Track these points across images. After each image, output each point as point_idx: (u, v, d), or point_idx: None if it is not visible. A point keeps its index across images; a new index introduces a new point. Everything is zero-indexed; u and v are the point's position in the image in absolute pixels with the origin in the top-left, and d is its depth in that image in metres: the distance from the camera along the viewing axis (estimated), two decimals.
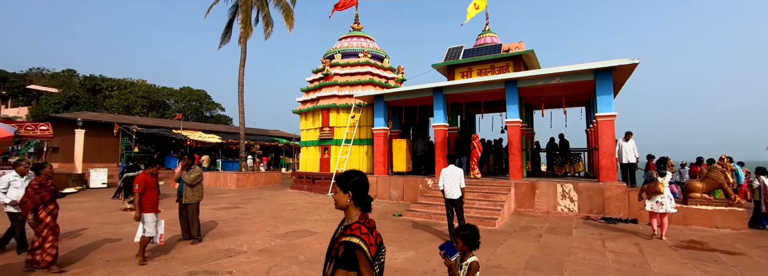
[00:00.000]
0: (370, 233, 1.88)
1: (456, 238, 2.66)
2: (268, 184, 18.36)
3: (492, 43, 13.11)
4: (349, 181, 1.94)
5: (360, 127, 14.25)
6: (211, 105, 42.96)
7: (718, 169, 8.03)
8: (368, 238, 1.84)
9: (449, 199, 6.35)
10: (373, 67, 15.20)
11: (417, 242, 6.31)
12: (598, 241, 6.45)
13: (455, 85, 10.98)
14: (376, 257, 1.87)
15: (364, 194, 1.95)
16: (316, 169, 14.86)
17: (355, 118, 14.03)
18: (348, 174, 1.97)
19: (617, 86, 10.01)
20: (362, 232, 1.85)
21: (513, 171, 10.07)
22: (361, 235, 1.84)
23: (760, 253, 5.64)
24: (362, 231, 1.85)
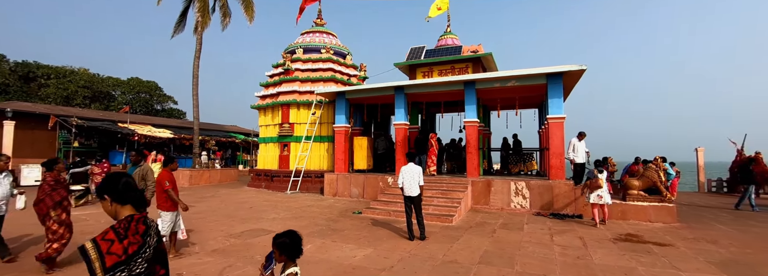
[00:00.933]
0: (123, 238, 1.58)
1: (273, 247, 2.41)
2: (224, 182, 17.68)
3: (453, 45, 13.43)
4: (101, 190, 1.77)
5: (321, 124, 14.09)
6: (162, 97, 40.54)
7: (653, 169, 8.75)
8: (113, 245, 1.54)
9: (408, 197, 6.45)
10: (335, 64, 15.06)
11: (376, 239, 6.35)
12: (547, 235, 6.83)
13: (416, 84, 11.15)
14: (114, 268, 1.53)
15: (123, 191, 1.76)
16: (275, 166, 14.52)
17: (315, 115, 13.85)
18: (105, 182, 1.79)
19: (567, 90, 10.62)
20: (106, 237, 1.57)
21: (470, 169, 10.40)
22: (102, 240, 1.56)
23: (686, 245, 6.22)
24: (108, 236, 1.57)
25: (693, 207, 11.23)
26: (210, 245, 5.81)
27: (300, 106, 14.25)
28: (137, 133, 19.50)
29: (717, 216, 9.52)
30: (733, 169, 15.88)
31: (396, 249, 5.73)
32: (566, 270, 4.78)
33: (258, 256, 5.24)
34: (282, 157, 14.33)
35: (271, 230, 6.86)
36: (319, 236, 6.52)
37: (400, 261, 5.10)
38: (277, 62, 15.64)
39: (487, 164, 13.83)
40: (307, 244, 5.94)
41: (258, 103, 15.59)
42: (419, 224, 6.41)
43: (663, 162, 10.33)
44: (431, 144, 11.01)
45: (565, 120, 9.52)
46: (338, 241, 6.23)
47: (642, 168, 9.25)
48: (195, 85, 18.14)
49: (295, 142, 14.13)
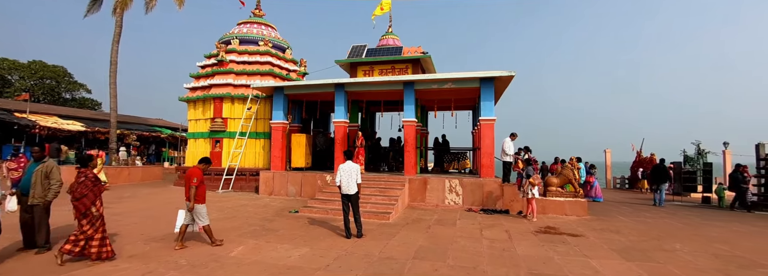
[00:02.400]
0: None
1: None
2: (146, 180, 16.19)
3: (394, 45, 13.64)
4: None
5: (257, 119, 13.52)
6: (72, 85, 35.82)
7: (569, 168, 9.70)
8: None
9: (346, 195, 6.44)
10: (273, 58, 14.53)
11: (312, 238, 6.26)
12: (477, 230, 7.24)
13: (357, 82, 11.17)
14: None
15: None
16: None
17: (251, 110, 13.25)
18: None
19: (498, 94, 11.33)
20: None
21: (408, 167, 10.66)
22: None
23: (595, 235, 6.99)
24: None
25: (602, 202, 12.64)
26: (127, 250, 5.29)
27: (234, 100, 13.53)
28: (39, 124, 17.10)
29: (620, 209, 10.83)
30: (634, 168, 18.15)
31: (333, 247, 5.69)
32: (493, 261, 5.11)
33: (183, 260, 4.89)
34: (214, 153, 13.50)
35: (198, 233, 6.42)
36: (253, 237, 6.26)
37: (337, 259, 5.08)
38: (209, 52, 14.69)
39: (424, 163, 14.29)
40: (239, 245, 5.69)
41: (187, 95, 14.51)
42: (356, 222, 6.44)
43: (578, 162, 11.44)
44: (358, 143, 11.11)
45: (495, 122, 10.15)
46: (273, 241, 6.03)
47: (560, 167, 10.21)
48: (113, 73, 16.35)
49: (228, 138, 13.39)
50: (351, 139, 12.23)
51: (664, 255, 5.64)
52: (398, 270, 4.65)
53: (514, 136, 10.51)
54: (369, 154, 13.80)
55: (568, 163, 10.08)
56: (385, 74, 12.70)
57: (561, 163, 11.46)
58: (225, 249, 5.48)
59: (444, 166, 13.47)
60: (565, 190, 9.64)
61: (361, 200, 8.15)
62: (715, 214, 10.30)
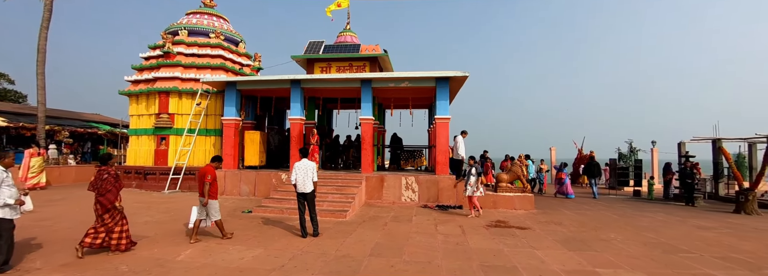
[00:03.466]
0: None
1: None
2: (80, 181, 14.85)
3: (352, 42, 13.56)
4: None
5: (207, 115, 12.88)
6: None
7: (518, 165, 10.21)
8: None
9: (301, 193, 6.32)
10: (226, 51, 13.90)
11: (267, 239, 6.09)
12: (432, 225, 7.42)
13: (314, 79, 10.99)
14: None
15: None
16: (150, 162, 12.78)
17: (201, 106, 12.59)
18: None
19: (453, 93, 11.63)
20: None
21: (365, 165, 10.67)
22: None
23: (540, 227, 7.42)
24: None
25: (548, 196, 13.44)
26: (58, 259, 4.82)
27: (182, 95, 12.78)
28: None
29: (564, 203, 11.58)
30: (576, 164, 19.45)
31: (288, 247, 5.58)
32: (447, 255, 5.27)
33: (124, 267, 4.55)
34: (159, 151, 12.68)
35: (143, 235, 6.02)
36: (202, 239, 5.97)
37: (292, 259, 4.98)
38: (154, 43, 13.75)
39: (381, 161, 14.37)
40: (187, 248, 5.40)
41: (129, 88, 13.49)
42: (312, 221, 6.35)
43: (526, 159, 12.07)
44: (311, 141, 10.99)
45: (450, 120, 10.43)
46: (225, 243, 5.79)
47: (510, 164, 10.71)
48: (41, 62, 14.81)
49: (175, 135, 12.63)
50: (307, 136, 12.03)
51: (601, 244, 6.12)
52: (355, 268, 4.65)
53: (465, 133, 10.85)
54: (327, 151, 13.65)
55: (517, 160, 10.60)
56: (342, 71, 12.59)
57: (510, 161, 12.02)
58: (171, 253, 5.18)
59: (401, 163, 13.64)
60: (515, 186, 10.13)
61: (318, 199, 8.04)
62: (644, 206, 11.33)
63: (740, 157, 14.08)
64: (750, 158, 13.25)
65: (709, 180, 14.02)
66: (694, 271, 4.73)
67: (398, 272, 4.52)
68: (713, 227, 7.87)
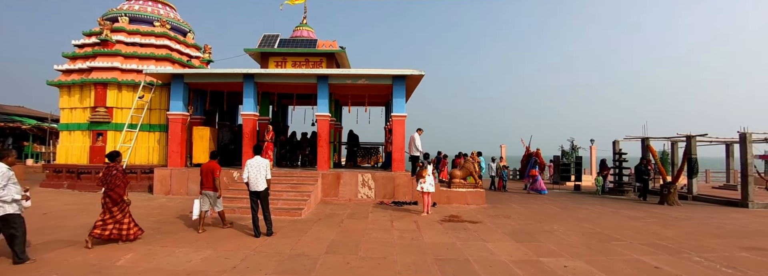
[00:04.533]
0: None
1: None
2: None
3: (308, 37, 13.30)
4: None
5: (151, 109, 12.05)
6: None
7: (470, 161, 10.59)
8: None
9: (254, 192, 6.12)
10: (172, 41, 13.08)
11: (217, 240, 5.83)
12: (388, 221, 7.51)
13: (269, 73, 10.64)
14: None
15: None
16: (85, 160, 11.74)
17: (144, 99, 11.76)
18: None
19: (409, 91, 11.81)
20: None
21: (321, 162, 10.55)
22: None
23: (491, 221, 7.77)
24: None
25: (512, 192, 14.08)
26: None
27: (122, 87, 11.85)
28: None
29: (513, 197, 12.19)
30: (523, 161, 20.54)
31: (240, 248, 5.38)
32: (403, 250, 5.36)
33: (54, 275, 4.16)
34: (95, 148, 11.67)
35: (76, 241, 5.53)
36: (145, 242, 5.59)
37: (244, 260, 4.82)
38: (90, 29, 12.63)
39: (337, 158, 14.27)
40: (127, 252, 5.05)
41: (60, 79, 12.28)
42: (266, 220, 6.17)
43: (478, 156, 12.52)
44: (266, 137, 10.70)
45: (406, 118, 10.58)
46: (170, 245, 5.47)
47: (463, 161, 11.08)
48: None
49: (114, 131, 11.70)
50: (261, 133, 11.65)
51: (545, 235, 6.53)
52: (309, 266, 4.60)
53: (421, 131, 11.07)
54: (282, 149, 13.32)
55: (470, 157, 10.99)
56: (298, 66, 12.32)
57: (463, 157, 12.43)
58: (109, 258, 4.80)
59: (357, 161, 13.64)
60: (467, 182, 10.51)
61: (272, 197, 7.82)
62: (583, 199, 12.22)
63: (664, 154, 15.61)
64: (672, 155, 14.73)
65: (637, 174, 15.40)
66: (625, 257, 5.19)
67: (354, 269, 4.53)
68: (641, 217, 8.67)
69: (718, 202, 11.48)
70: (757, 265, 4.88)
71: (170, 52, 12.73)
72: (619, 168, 14.21)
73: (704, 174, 19.02)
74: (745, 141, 10.99)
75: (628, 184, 14.21)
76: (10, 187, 4.33)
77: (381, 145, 14.04)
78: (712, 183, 18.38)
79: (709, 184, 18.07)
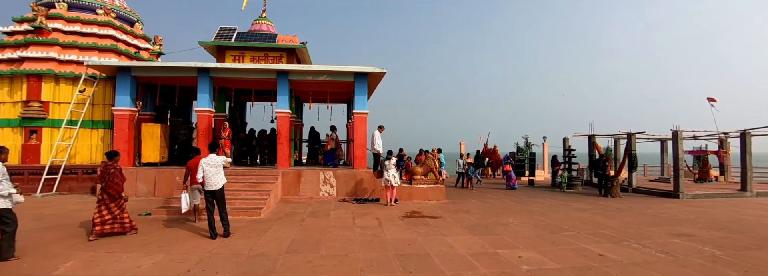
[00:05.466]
0: None
1: None
2: None
3: (268, 32, 12.90)
4: None
5: (94, 105, 11.21)
6: None
7: (431, 158, 10.80)
8: None
9: (210, 191, 5.88)
10: (118, 31, 12.22)
11: (170, 243, 5.54)
12: (350, 219, 7.50)
13: (226, 68, 10.24)
14: None
15: None
16: (16, 159, 10.68)
17: (85, 93, 10.91)
18: None
19: (371, 88, 11.82)
20: None
21: (281, 160, 10.32)
22: None
23: (450, 216, 7.98)
24: None
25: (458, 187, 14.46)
26: None
27: (60, 80, 10.91)
28: None
29: (471, 193, 12.59)
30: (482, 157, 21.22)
31: (195, 250, 5.15)
32: (364, 247, 5.38)
33: None
34: (28, 147, 10.65)
35: None
36: (88, 248, 5.20)
37: (200, 263, 4.62)
38: (22, 15, 11.48)
39: (298, 155, 14.02)
40: (67, 260, 4.68)
41: None
42: (223, 220, 5.94)
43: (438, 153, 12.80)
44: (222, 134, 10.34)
45: (368, 115, 10.59)
46: (117, 250, 5.12)
47: (424, 157, 11.28)
48: None
49: (50, 128, 10.75)
50: (218, 130, 11.19)
51: (501, 228, 6.81)
52: (269, 267, 4.49)
53: (382, 128, 11.13)
54: (242, 147, 12.88)
55: (430, 153, 11.21)
56: (257, 61, 11.93)
57: (424, 154, 12.65)
58: (46, 267, 4.41)
59: (319, 158, 13.47)
60: (428, 178, 10.71)
61: (229, 196, 7.58)
62: (536, 193, 12.86)
63: (608, 150, 16.75)
64: (615, 151, 15.85)
65: (586, 169, 16.44)
66: (573, 246, 5.54)
67: (315, 267, 4.49)
68: (587, 209, 9.27)
69: (654, 194, 12.52)
70: (686, 250, 5.39)
71: (116, 43, 11.88)
72: (569, 163, 15.08)
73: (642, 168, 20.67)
74: (677, 138, 12.08)
75: (576, 179, 15.11)
76: (4, 183, 4.50)
77: (343, 142, 13.96)
78: (649, 176, 20.02)
79: (647, 177, 19.67)
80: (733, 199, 11.56)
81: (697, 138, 14.21)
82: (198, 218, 7.01)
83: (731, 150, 15.74)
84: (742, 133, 12.59)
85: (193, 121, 14.07)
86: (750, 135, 12.51)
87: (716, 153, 16.03)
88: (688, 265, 4.71)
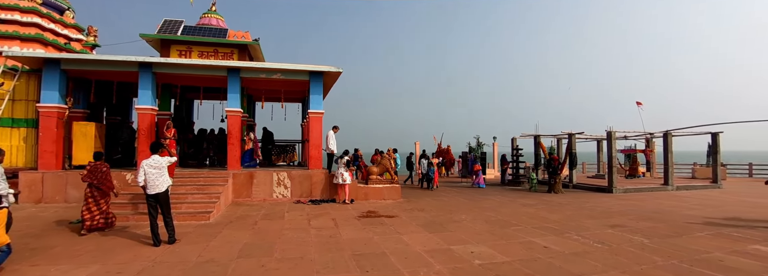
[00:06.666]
0: None
1: None
2: None
3: (218, 26, 12.33)
4: None
5: (15, 100, 10.04)
6: None
7: (387, 158, 10.90)
8: None
9: (152, 195, 5.48)
10: (44, 19, 11.07)
11: (106, 252, 5.11)
12: (305, 220, 7.36)
13: (172, 63, 9.61)
14: None
15: None
16: None
17: (4, 87, 9.75)
18: None
19: (327, 88, 11.68)
20: None
21: (231, 161, 9.90)
22: None
23: (406, 214, 8.10)
24: None
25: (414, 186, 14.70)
26: None
27: None
28: None
29: (426, 191, 12.85)
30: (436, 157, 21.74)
31: (136, 259, 4.79)
32: (320, 249, 5.31)
33: None
34: None
35: None
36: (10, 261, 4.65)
37: (141, 272, 4.30)
38: None
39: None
40: None
41: None
42: (167, 226, 5.58)
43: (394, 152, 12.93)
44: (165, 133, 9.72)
45: (323, 115, 10.46)
46: (43, 263, 4.63)
47: (380, 157, 11.35)
48: None
49: None
50: (161, 129, 10.48)
51: (454, 225, 7.03)
52: (220, 273, 4.29)
53: (336, 128, 11.06)
54: (190, 148, 12.17)
55: (386, 153, 11.30)
56: (206, 57, 11.36)
57: (380, 154, 12.73)
58: None
59: (272, 159, 13.09)
60: (384, 178, 10.79)
61: (175, 200, 7.16)
62: (487, 191, 13.40)
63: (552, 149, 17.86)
64: (557, 150, 16.95)
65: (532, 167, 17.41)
66: (520, 240, 5.85)
67: (270, 271, 4.36)
68: (533, 204, 9.83)
69: (592, 189, 13.54)
70: (619, 239, 5.89)
71: (42, 32, 10.75)
72: (517, 162, 15.89)
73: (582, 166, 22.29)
74: (611, 138, 13.16)
75: (523, 176, 15.96)
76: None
77: (298, 142, 13.68)
78: (587, 173, 21.62)
79: (585, 174, 21.22)
80: (657, 192, 12.81)
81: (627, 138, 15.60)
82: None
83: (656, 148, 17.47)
84: (664, 133, 14.00)
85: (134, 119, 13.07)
86: (671, 135, 13.93)
87: (644, 151, 17.69)
88: (620, 253, 5.15)
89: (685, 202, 10.23)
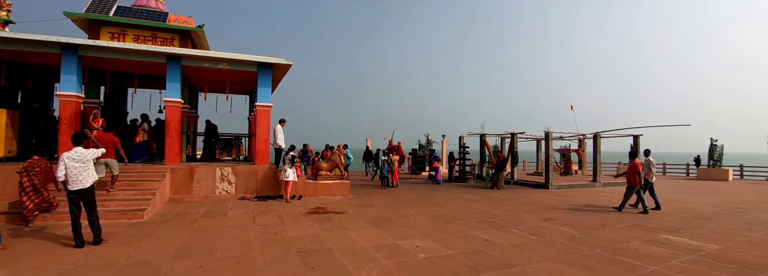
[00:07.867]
0: None
1: None
2: None
3: (157, 9, 11.39)
4: None
5: None
6: None
7: (337, 154, 10.79)
8: None
9: (75, 191, 4.95)
10: None
11: (18, 256, 4.55)
12: (249, 218, 7.08)
13: (103, 47, 8.74)
14: None
15: None
16: None
17: None
18: None
19: (276, 81, 11.31)
20: None
21: (170, 155, 9.27)
22: None
23: (354, 210, 8.08)
24: None
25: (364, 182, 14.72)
26: None
27: None
28: None
29: (376, 188, 12.91)
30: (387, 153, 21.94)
31: (55, 263, 4.32)
32: (264, 246, 5.14)
33: None
34: None
35: None
36: None
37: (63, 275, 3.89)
38: None
39: (192, 150, 12.75)
40: None
41: None
42: (92, 225, 5.08)
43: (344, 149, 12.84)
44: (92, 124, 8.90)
45: (272, 108, 10.12)
46: None
47: (330, 153, 11.22)
48: None
49: None
50: (88, 119, 9.52)
51: (402, 220, 7.14)
52: (152, 275, 4.00)
53: (284, 122, 10.76)
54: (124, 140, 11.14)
55: (336, 149, 11.20)
56: (143, 42, 10.47)
57: (330, 150, 12.59)
58: None
59: (216, 153, 12.44)
60: (334, 174, 10.69)
61: (102, 197, 6.57)
62: (435, 187, 13.78)
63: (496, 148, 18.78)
64: (501, 148, 17.86)
65: (477, 164, 18.19)
66: (464, 234, 6.09)
67: (208, 271, 4.13)
68: (477, 200, 10.27)
69: (531, 185, 14.44)
70: (552, 232, 6.34)
71: None
72: (463, 159, 16.51)
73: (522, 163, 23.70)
74: (548, 138, 14.10)
75: (469, 173, 16.62)
76: None
77: (244, 136, 13.12)
78: (527, 170, 23.03)
79: (526, 171, 22.60)
80: (587, 188, 13.96)
81: (563, 138, 16.79)
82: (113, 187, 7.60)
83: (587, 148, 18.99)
84: (594, 135, 15.25)
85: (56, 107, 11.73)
86: (600, 136, 15.21)
87: (576, 151, 19.18)
88: (552, 244, 5.55)
89: (608, 197, 11.24)
